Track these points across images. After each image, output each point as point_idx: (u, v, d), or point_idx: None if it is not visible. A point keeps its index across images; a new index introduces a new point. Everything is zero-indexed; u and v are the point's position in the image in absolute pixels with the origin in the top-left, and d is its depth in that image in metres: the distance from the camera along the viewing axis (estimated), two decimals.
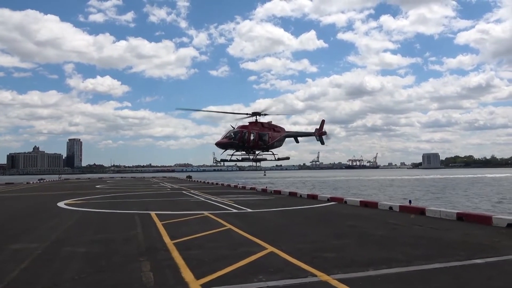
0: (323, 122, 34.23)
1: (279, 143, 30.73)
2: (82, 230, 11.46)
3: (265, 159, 31.50)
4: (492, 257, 7.30)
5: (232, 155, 29.66)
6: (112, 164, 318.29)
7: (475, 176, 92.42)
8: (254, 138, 28.32)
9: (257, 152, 30.25)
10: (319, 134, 33.66)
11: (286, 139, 32.24)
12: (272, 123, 30.84)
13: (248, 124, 29.45)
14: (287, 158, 34.08)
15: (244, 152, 29.73)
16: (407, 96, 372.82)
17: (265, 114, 29.49)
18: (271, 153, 30.62)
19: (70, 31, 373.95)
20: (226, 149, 28.98)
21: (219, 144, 28.15)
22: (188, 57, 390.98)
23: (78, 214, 15.52)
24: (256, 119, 29.37)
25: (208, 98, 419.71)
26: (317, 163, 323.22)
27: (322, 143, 34.19)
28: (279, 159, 31.84)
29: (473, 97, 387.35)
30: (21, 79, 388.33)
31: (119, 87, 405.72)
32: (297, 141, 33.90)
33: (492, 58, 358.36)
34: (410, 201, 16.63)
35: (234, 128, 28.34)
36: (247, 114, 29.45)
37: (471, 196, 34.56)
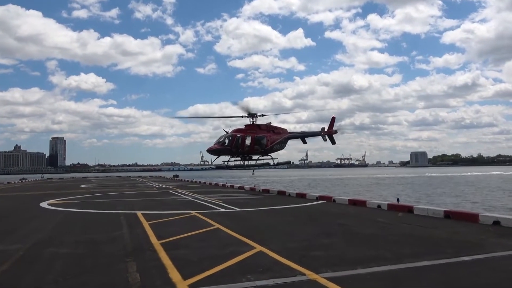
0: (333, 119, 31.54)
1: (279, 146, 28.47)
2: (66, 230, 11.30)
3: (267, 164, 29.57)
4: (478, 254, 7.44)
5: (228, 161, 28.26)
6: (96, 163, 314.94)
7: (467, 174, 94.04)
8: (250, 142, 26.91)
9: (254, 157, 28.68)
10: (329, 133, 31.11)
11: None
12: (272, 124, 29.31)
13: (244, 127, 27.91)
14: (288, 163, 32.74)
15: (239, 158, 28.24)
16: (394, 95, 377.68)
17: (262, 115, 28.12)
18: (270, 157, 28.95)
19: (53, 27, 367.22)
20: (219, 156, 27.45)
21: (211, 151, 26.69)
22: (174, 54, 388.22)
23: (62, 215, 15.30)
24: (252, 121, 28.01)
25: (195, 96, 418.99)
26: (305, 161, 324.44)
27: (333, 142, 31.75)
28: (278, 164, 29.95)
29: (459, 96, 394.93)
30: (2, 75, 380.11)
31: (103, 84, 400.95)
32: (304, 142, 32.21)
33: (477, 57, 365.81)
34: (398, 200, 16.86)
35: (227, 133, 26.81)
36: (242, 116, 28.15)
37: (458, 194, 35.17)
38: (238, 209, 16.20)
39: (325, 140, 31.38)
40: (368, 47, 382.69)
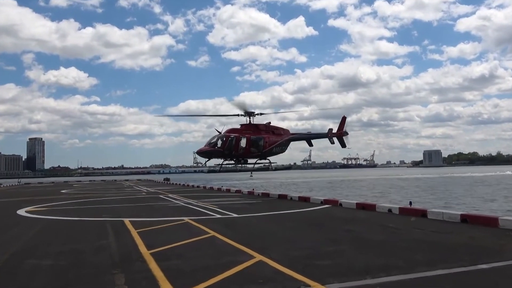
0: (343, 119, 30.53)
1: (280, 148, 27.95)
2: (47, 240, 11.32)
3: (265, 169, 29.08)
4: (498, 261, 7.50)
5: (221, 165, 27.83)
6: (79, 166, 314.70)
7: (487, 174, 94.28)
8: (245, 144, 26.32)
9: (251, 161, 28.14)
10: (339, 135, 30.02)
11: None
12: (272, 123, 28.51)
13: (239, 127, 27.30)
14: (288, 168, 31.92)
15: (233, 162, 27.73)
16: (405, 88, 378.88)
17: (260, 114, 27.49)
18: (268, 161, 28.25)
19: (29, 17, 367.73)
20: (209, 159, 27.06)
21: (201, 153, 26.12)
22: (163, 46, 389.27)
23: (42, 223, 15.32)
24: (249, 120, 27.62)
25: (186, 92, 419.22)
26: (308, 162, 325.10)
27: (344, 145, 30.97)
28: (276, 169, 29.69)
29: (476, 89, 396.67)
30: None
31: (85, 79, 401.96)
32: (310, 144, 31.44)
33: (495, 46, 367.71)
34: (410, 203, 16.94)
35: (220, 133, 26.29)
36: (238, 114, 27.57)
37: (476, 195, 35.30)
38: (235, 215, 16.25)
39: (332, 143, 30.40)
40: (375, 36, 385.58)
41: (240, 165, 27.94)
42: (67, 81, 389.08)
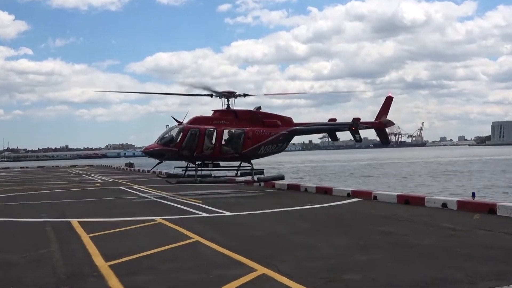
0: (389, 100, 27.55)
1: (273, 146, 25.69)
2: None
3: (249, 177, 26.02)
4: None
5: (186, 169, 25.85)
6: (5, 148, 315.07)
7: None
8: (215, 141, 24.22)
9: (222, 165, 26.12)
10: (378, 126, 27.15)
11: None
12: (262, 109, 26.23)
13: (213, 114, 25.62)
14: (281, 178, 27.61)
15: (198, 166, 25.33)
16: (465, 34, 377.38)
17: (245, 95, 25.57)
18: (249, 166, 25.42)
19: None
20: (161, 161, 25.47)
21: (147, 153, 24.66)
22: None
23: None
24: (228, 104, 25.67)
25: (154, 41, 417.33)
26: (329, 140, 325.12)
27: (386, 141, 29.39)
28: (259, 179, 26.02)
29: None
30: None
31: (11, 24, 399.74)
32: (334, 139, 28.92)
33: None
34: (473, 194, 17.04)
35: (180, 123, 24.28)
36: (211, 95, 25.44)
37: None
38: (227, 213, 16.39)
39: (358, 140, 27.40)
40: None
41: (195, 173, 24.79)
42: None
